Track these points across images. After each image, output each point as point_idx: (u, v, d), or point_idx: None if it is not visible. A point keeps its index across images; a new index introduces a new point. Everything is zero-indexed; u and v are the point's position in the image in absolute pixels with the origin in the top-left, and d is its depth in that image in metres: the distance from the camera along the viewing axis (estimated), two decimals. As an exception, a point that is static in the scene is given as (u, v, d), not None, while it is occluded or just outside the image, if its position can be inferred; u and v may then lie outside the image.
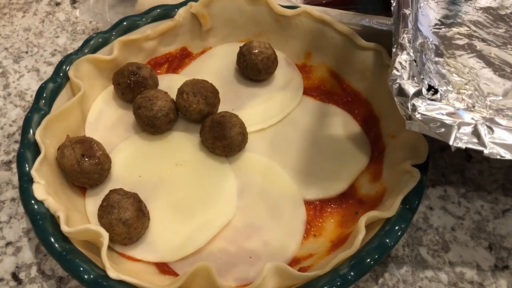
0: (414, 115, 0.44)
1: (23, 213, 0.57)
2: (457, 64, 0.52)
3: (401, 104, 0.45)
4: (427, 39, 0.53)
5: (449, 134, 0.43)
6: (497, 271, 0.53)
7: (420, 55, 0.50)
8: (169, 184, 0.55)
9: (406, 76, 0.47)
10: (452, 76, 0.50)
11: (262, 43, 0.62)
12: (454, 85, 0.49)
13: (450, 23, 0.57)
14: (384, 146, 0.57)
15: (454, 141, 0.43)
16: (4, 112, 0.67)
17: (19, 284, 0.52)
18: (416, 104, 0.45)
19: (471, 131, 0.44)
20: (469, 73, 0.51)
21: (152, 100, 0.56)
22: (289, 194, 0.54)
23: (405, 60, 0.48)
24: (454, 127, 0.44)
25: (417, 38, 0.52)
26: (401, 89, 0.46)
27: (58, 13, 0.81)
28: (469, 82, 0.50)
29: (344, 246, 0.49)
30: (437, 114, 0.45)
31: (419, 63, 0.49)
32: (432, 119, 0.44)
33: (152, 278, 0.48)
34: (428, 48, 0.52)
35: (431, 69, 0.50)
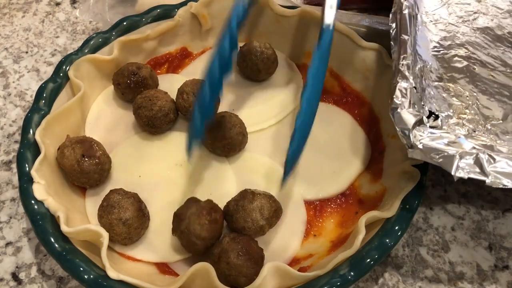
0: (416, 145, 0.45)
1: (23, 213, 0.57)
2: (456, 88, 0.52)
3: (403, 133, 0.46)
4: (426, 63, 0.53)
5: (451, 164, 0.44)
6: (497, 271, 0.53)
7: (420, 80, 0.50)
8: (169, 184, 0.55)
9: (407, 105, 0.47)
10: (452, 100, 0.51)
11: (262, 43, 0.62)
12: (454, 109, 0.50)
13: (448, 45, 0.57)
14: (384, 146, 0.57)
15: (456, 171, 0.44)
16: (4, 112, 0.67)
17: (19, 284, 0.52)
18: (418, 134, 0.46)
19: (473, 161, 0.44)
20: (469, 97, 0.51)
21: (152, 100, 0.56)
22: (289, 194, 0.54)
23: (405, 88, 0.48)
24: (456, 157, 0.44)
25: (416, 63, 0.52)
26: (402, 119, 0.46)
27: (58, 13, 0.81)
28: (469, 106, 0.51)
29: (344, 246, 0.49)
30: (438, 144, 0.45)
31: (419, 89, 0.49)
32: (434, 149, 0.45)
33: (152, 278, 0.48)
34: (427, 72, 0.53)
35: (431, 94, 0.50)
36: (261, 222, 0.48)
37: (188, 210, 0.47)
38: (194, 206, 0.47)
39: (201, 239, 0.46)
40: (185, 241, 0.47)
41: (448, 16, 0.60)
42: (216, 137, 0.55)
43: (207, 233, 0.46)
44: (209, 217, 0.46)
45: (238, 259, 0.44)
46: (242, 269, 0.44)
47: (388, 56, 0.59)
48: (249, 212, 0.48)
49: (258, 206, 0.48)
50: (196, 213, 0.46)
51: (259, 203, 0.48)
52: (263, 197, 0.49)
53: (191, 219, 0.46)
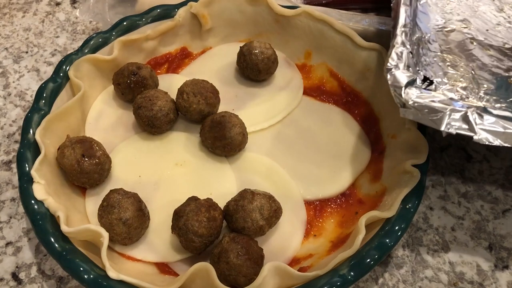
0: (407, 103, 0.46)
1: (23, 213, 0.57)
2: (453, 59, 0.53)
3: (395, 91, 0.47)
4: (424, 33, 0.55)
5: (441, 120, 0.45)
6: (497, 271, 0.53)
7: (417, 48, 0.52)
8: (169, 184, 0.55)
9: (402, 66, 0.48)
10: (447, 69, 0.52)
11: (263, 43, 0.62)
12: (449, 77, 0.51)
13: (448, 19, 0.58)
14: (384, 146, 0.57)
15: (445, 127, 0.45)
16: (4, 112, 0.67)
17: (19, 284, 0.52)
18: (410, 92, 0.47)
19: (462, 117, 0.45)
20: (464, 68, 0.52)
21: (152, 100, 0.56)
22: (289, 194, 0.54)
23: (401, 51, 0.49)
24: (446, 114, 0.45)
25: (414, 32, 0.53)
26: (396, 78, 0.47)
27: (58, 13, 0.81)
28: (464, 75, 0.51)
29: (344, 246, 0.49)
30: (430, 102, 0.46)
31: (415, 55, 0.50)
32: (425, 106, 0.46)
33: (152, 278, 0.48)
34: (425, 42, 0.54)
35: (427, 61, 0.51)
36: (260, 222, 0.48)
37: (187, 207, 0.47)
38: (193, 203, 0.47)
39: (199, 236, 0.46)
40: (183, 238, 0.47)
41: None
42: (216, 137, 0.55)
43: (205, 230, 0.46)
44: (208, 215, 0.47)
45: (238, 259, 0.44)
46: (242, 269, 0.44)
47: (388, 56, 0.60)
48: (249, 212, 0.48)
49: (258, 206, 0.48)
50: (194, 210, 0.47)
51: (258, 203, 0.48)
52: (263, 197, 0.49)
53: (189, 216, 0.46)
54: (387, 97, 0.58)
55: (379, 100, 0.60)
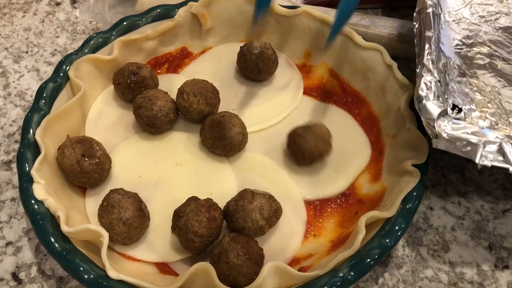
0: (441, 134, 0.46)
1: (23, 213, 0.57)
2: (479, 83, 0.54)
3: (428, 123, 0.47)
4: (449, 59, 0.55)
5: (475, 152, 0.45)
6: (497, 271, 0.53)
7: (444, 75, 0.52)
8: (169, 184, 0.55)
9: (432, 97, 0.48)
10: (474, 95, 0.52)
11: (263, 43, 0.62)
12: (477, 103, 0.51)
13: (471, 43, 0.58)
14: (384, 146, 0.57)
15: (480, 159, 0.45)
16: (4, 112, 0.67)
17: (19, 284, 0.52)
18: (442, 124, 0.47)
19: (497, 149, 0.46)
20: (491, 92, 0.53)
21: (152, 100, 0.56)
22: (289, 194, 0.54)
23: (429, 80, 0.49)
24: (480, 146, 0.46)
25: (440, 58, 0.53)
26: (428, 109, 0.47)
27: (58, 13, 0.81)
28: (492, 100, 0.52)
29: (344, 246, 0.49)
30: (462, 133, 0.46)
31: (443, 83, 0.50)
32: (458, 138, 0.46)
33: (152, 278, 0.48)
34: (451, 68, 0.54)
35: (454, 88, 0.52)
36: (260, 222, 0.48)
37: (187, 207, 0.47)
38: (193, 203, 0.47)
39: (199, 236, 0.46)
40: (183, 238, 0.47)
41: (470, 16, 0.62)
42: (216, 137, 0.55)
43: (205, 230, 0.46)
44: (208, 215, 0.47)
45: (238, 259, 0.44)
46: (242, 269, 0.44)
47: (388, 56, 0.59)
48: (249, 212, 0.48)
49: (258, 206, 0.48)
50: (194, 210, 0.47)
51: (258, 203, 0.48)
52: (263, 197, 0.49)
53: (189, 216, 0.46)
54: (387, 97, 0.59)
55: (379, 100, 0.60)
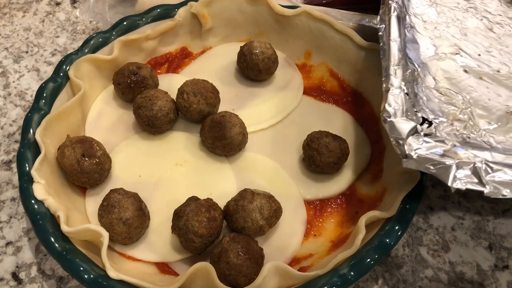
0: (410, 155, 0.43)
1: (23, 213, 0.57)
2: (449, 92, 0.51)
3: (397, 142, 0.44)
4: (417, 66, 0.52)
5: (447, 174, 0.42)
6: (497, 271, 0.53)
7: (412, 85, 0.49)
8: (169, 184, 0.55)
9: (400, 113, 0.45)
10: (444, 106, 0.49)
11: (263, 43, 0.62)
12: (447, 115, 0.48)
13: (438, 47, 0.55)
14: (384, 146, 0.57)
15: (454, 182, 0.42)
16: (4, 112, 0.67)
17: (19, 284, 0.52)
18: (412, 144, 0.44)
19: (470, 171, 0.43)
20: (462, 101, 0.50)
21: (152, 100, 0.56)
22: (289, 194, 0.54)
23: (397, 94, 0.47)
24: (452, 168, 0.43)
25: (407, 67, 0.50)
26: (396, 128, 0.45)
27: (58, 13, 0.81)
28: (463, 110, 0.49)
29: (344, 246, 0.49)
30: (433, 154, 0.43)
31: (411, 94, 0.48)
32: (429, 159, 0.43)
33: (152, 278, 0.48)
34: (418, 76, 0.51)
35: (423, 100, 0.49)
36: (260, 222, 0.48)
37: (187, 207, 0.47)
38: (193, 203, 0.47)
39: (199, 236, 0.46)
40: (183, 238, 0.47)
41: (437, 17, 0.58)
42: (216, 137, 0.55)
43: (205, 230, 0.46)
44: (208, 215, 0.47)
45: (238, 259, 0.44)
46: (242, 269, 0.44)
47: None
48: (249, 212, 0.48)
49: (258, 206, 0.48)
50: (194, 210, 0.47)
51: (258, 203, 0.48)
52: (263, 197, 0.49)
53: (189, 216, 0.46)
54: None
55: (379, 100, 0.60)
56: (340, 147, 0.54)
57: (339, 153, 0.54)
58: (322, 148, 0.53)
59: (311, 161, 0.54)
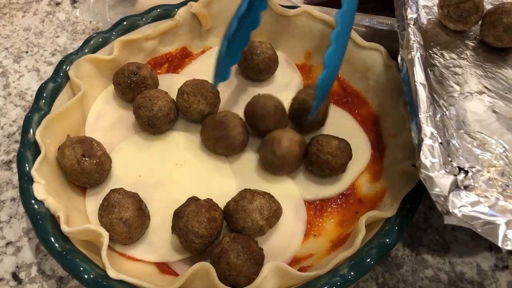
0: (454, 213, 0.41)
1: (23, 213, 0.57)
2: (480, 135, 0.48)
3: (438, 200, 0.42)
4: (445, 110, 0.50)
5: (496, 234, 0.40)
6: (497, 271, 0.53)
7: (443, 132, 0.47)
8: (169, 184, 0.55)
9: (438, 166, 0.43)
10: (478, 151, 0.47)
11: (263, 43, 0.62)
12: (483, 162, 0.46)
13: (464, 85, 0.53)
14: (384, 146, 0.57)
15: (504, 243, 0.40)
16: (4, 112, 0.67)
17: (19, 284, 0.52)
18: (455, 201, 0.41)
19: None
20: (496, 145, 0.48)
21: (152, 100, 0.56)
22: (289, 194, 0.54)
23: (432, 145, 0.44)
24: (501, 227, 0.40)
25: (436, 112, 0.48)
26: (435, 184, 0.42)
27: (58, 13, 0.81)
28: (497, 155, 0.47)
29: (344, 246, 0.49)
30: (479, 212, 0.41)
31: (444, 143, 0.45)
32: (475, 217, 0.41)
33: (152, 278, 0.48)
34: (448, 121, 0.49)
35: (456, 146, 0.47)
36: (260, 222, 0.48)
37: (187, 208, 0.47)
38: (193, 204, 0.47)
39: (199, 237, 0.46)
40: (183, 239, 0.47)
41: (458, 53, 0.56)
42: (218, 137, 0.55)
43: (206, 231, 0.46)
44: (208, 215, 0.47)
45: (238, 259, 0.44)
46: (242, 269, 0.44)
47: (389, 56, 0.59)
48: (249, 212, 0.48)
49: (258, 206, 0.48)
50: (194, 211, 0.47)
51: (258, 203, 0.48)
52: (263, 197, 0.49)
53: (189, 217, 0.46)
54: (387, 97, 0.59)
55: (379, 100, 0.60)
56: (348, 145, 0.54)
57: (349, 152, 0.54)
58: (336, 150, 0.53)
59: (325, 166, 0.53)
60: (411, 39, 0.53)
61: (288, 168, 0.54)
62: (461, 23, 0.57)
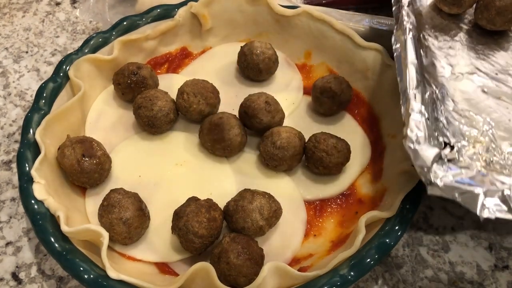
0: (436, 183, 0.42)
1: (23, 213, 0.57)
2: (468, 113, 0.49)
3: (422, 170, 0.43)
4: (435, 88, 0.51)
5: (475, 203, 0.41)
6: (497, 271, 0.53)
7: (431, 108, 0.48)
8: (169, 184, 0.55)
9: (423, 139, 0.44)
10: (465, 128, 0.48)
11: (264, 43, 0.62)
12: (469, 138, 0.47)
13: (455, 66, 0.54)
14: (384, 146, 0.57)
15: (482, 211, 0.41)
16: (4, 112, 0.67)
17: (19, 284, 0.52)
18: (437, 172, 0.42)
19: (499, 199, 0.41)
20: (483, 122, 0.49)
21: (152, 100, 0.56)
22: (289, 194, 0.54)
23: (418, 120, 0.46)
24: (480, 196, 0.41)
25: (425, 89, 0.49)
26: (420, 156, 0.43)
27: (58, 13, 0.81)
28: (483, 132, 0.48)
29: (344, 246, 0.49)
30: (460, 182, 0.42)
31: (431, 119, 0.47)
32: (456, 187, 0.42)
33: (152, 278, 0.48)
34: (437, 98, 0.50)
35: (444, 123, 0.48)
36: (260, 223, 0.48)
37: (187, 208, 0.47)
38: (193, 204, 0.47)
39: (199, 237, 0.46)
40: (183, 239, 0.47)
41: (451, 36, 0.57)
42: (215, 139, 0.54)
43: (205, 231, 0.46)
44: (208, 215, 0.47)
45: (238, 259, 0.44)
46: (242, 269, 0.44)
47: (388, 56, 0.59)
48: (249, 212, 0.48)
49: (258, 207, 0.48)
50: (194, 211, 0.47)
51: (258, 204, 0.48)
52: (263, 197, 0.49)
53: (189, 217, 0.46)
54: (387, 97, 0.59)
55: (379, 100, 0.60)
56: (346, 147, 0.54)
57: (346, 153, 0.54)
58: (332, 149, 0.53)
59: (319, 163, 0.53)
60: (404, 20, 0.54)
61: (289, 161, 0.54)
62: (456, 6, 0.58)
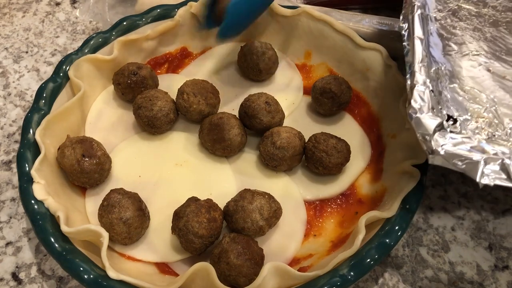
0: (437, 151, 0.43)
1: (23, 213, 0.57)
2: (472, 90, 0.50)
3: (423, 138, 0.44)
4: (440, 64, 0.52)
5: (475, 170, 0.42)
6: (497, 271, 0.53)
7: (436, 83, 0.49)
8: (169, 184, 0.55)
9: (426, 109, 0.46)
10: (469, 103, 0.49)
11: (264, 44, 0.62)
12: (472, 113, 0.48)
13: (461, 44, 0.55)
14: (384, 146, 0.57)
15: (481, 178, 0.42)
16: (4, 112, 0.67)
17: (19, 284, 0.52)
18: (439, 140, 0.44)
19: (499, 167, 0.43)
20: (486, 99, 0.50)
21: (152, 100, 0.56)
22: (289, 194, 0.54)
23: (422, 91, 0.47)
24: (480, 163, 0.42)
25: (431, 65, 0.50)
26: (422, 124, 0.44)
27: (58, 13, 0.81)
28: (487, 109, 0.49)
29: (344, 246, 0.49)
30: (461, 150, 0.43)
31: (436, 92, 0.48)
32: (456, 154, 0.43)
33: (152, 278, 0.48)
34: (442, 75, 0.51)
35: (448, 97, 0.49)
36: (260, 223, 0.48)
37: (187, 208, 0.47)
38: (193, 204, 0.47)
39: (199, 237, 0.46)
40: (183, 239, 0.47)
41: (459, 16, 0.59)
42: (215, 139, 0.55)
43: (205, 231, 0.46)
44: (208, 215, 0.47)
45: (238, 259, 0.44)
46: (242, 269, 0.44)
47: (388, 56, 0.59)
48: (249, 212, 0.48)
49: (258, 207, 0.48)
50: (194, 211, 0.47)
51: (258, 204, 0.48)
52: (263, 198, 0.49)
53: (189, 217, 0.46)
54: (387, 97, 0.59)
55: (379, 100, 0.60)
56: (346, 147, 0.54)
57: (346, 154, 0.54)
58: (331, 149, 0.53)
59: (319, 163, 0.53)
60: None
61: (288, 161, 0.54)
62: None
